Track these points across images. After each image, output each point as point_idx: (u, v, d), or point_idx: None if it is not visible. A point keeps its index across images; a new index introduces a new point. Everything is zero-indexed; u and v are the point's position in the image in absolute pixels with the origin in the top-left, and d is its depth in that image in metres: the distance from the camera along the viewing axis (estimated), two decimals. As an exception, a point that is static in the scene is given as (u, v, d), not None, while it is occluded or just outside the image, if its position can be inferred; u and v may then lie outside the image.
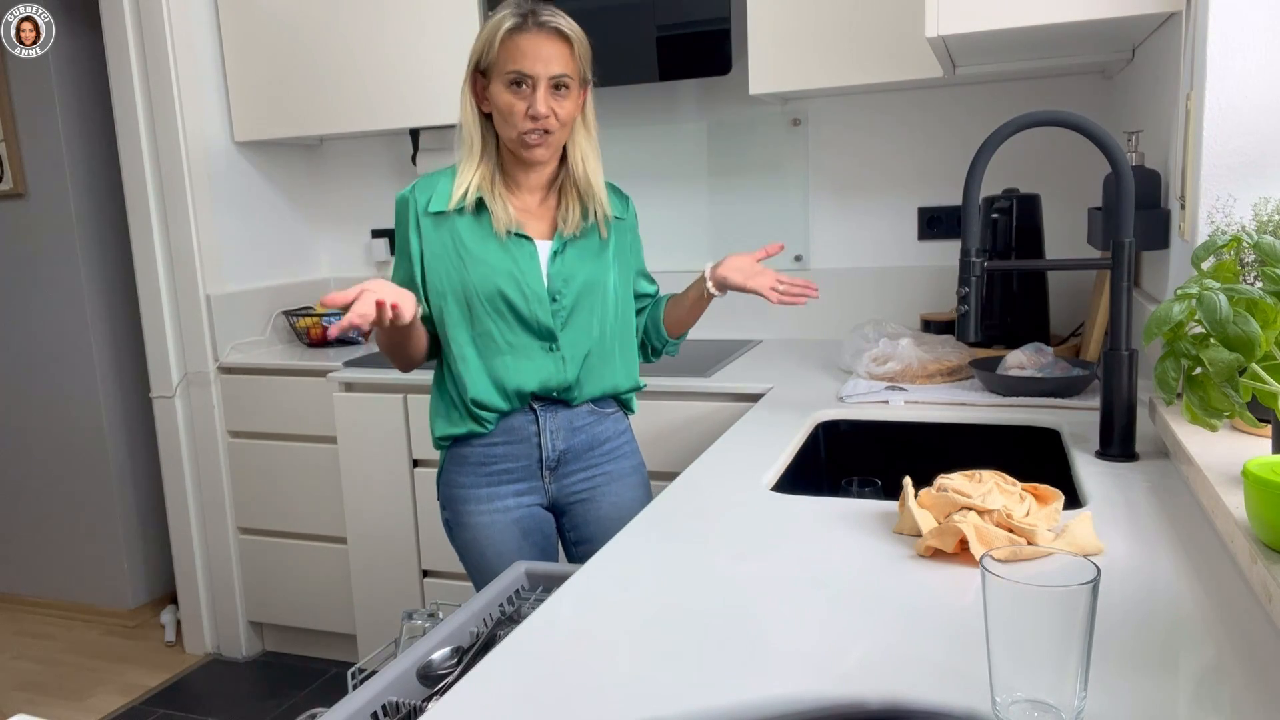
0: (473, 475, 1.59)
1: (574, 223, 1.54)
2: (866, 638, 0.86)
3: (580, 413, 1.60)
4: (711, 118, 2.61)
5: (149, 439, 3.00)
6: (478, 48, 1.49)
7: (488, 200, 1.51)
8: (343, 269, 3.13)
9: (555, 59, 1.44)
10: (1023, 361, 1.76)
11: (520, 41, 1.43)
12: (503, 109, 1.46)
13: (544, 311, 1.52)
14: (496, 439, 1.57)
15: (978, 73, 2.14)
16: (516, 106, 1.44)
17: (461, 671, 0.98)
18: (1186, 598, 0.91)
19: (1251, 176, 1.41)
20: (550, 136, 1.47)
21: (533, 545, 1.62)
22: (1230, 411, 1.08)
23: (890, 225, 2.50)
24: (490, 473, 1.59)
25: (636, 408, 1.71)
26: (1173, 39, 1.61)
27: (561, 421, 1.59)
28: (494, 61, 1.46)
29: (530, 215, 1.56)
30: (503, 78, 1.45)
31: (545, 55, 1.43)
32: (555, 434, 1.59)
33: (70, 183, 3.05)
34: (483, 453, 1.58)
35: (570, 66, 1.46)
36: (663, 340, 1.71)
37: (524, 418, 1.58)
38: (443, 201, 1.52)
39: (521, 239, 1.52)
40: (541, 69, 1.43)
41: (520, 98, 1.44)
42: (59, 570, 3.31)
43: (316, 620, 2.73)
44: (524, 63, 1.43)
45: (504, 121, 1.48)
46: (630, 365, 1.66)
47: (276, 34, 2.65)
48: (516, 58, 1.43)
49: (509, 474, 1.59)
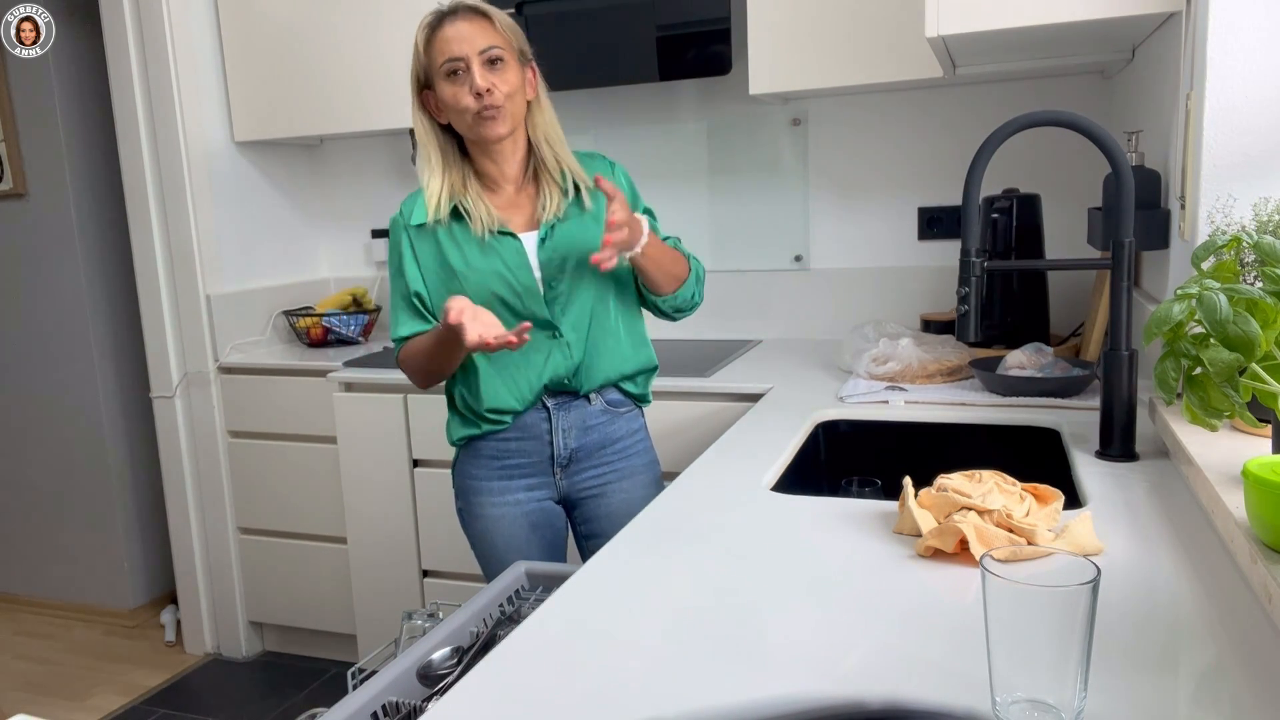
0: (486, 468, 1.61)
1: (555, 206, 1.54)
2: (866, 638, 0.86)
3: (593, 411, 1.60)
4: (711, 118, 2.61)
5: (149, 439, 3.00)
6: (412, 65, 1.52)
7: (467, 204, 1.52)
8: (343, 269, 3.13)
9: (479, 35, 1.47)
10: (1023, 361, 1.76)
11: (442, 33, 1.48)
12: (450, 102, 1.48)
13: (538, 304, 1.53)
14: (510, 435, 1.59)
15: (978, 73, 2.14)
16: (459, 93, 1.47)
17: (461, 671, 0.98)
18: (1186, 598, 0.91)
19: (1251, 176, 1.41)
20: (502, 111, 1.48)
21: (542, 539, 1.63)
22: (1230, 411, 1.08)
23: (890, 225, 2.50)
24: (503, 466, 1.60)
25: (651, 397, 1.70)
26: (1173, 39, 1.61)
27: (574, 420, 1.59)
28: (427, 65, 1.50)
29: (514, 209, 1.57)
30: (440, 74, 1.48)
31: (467, 35, 1.46)
32: (568, 432, 1.59)
33: (70, 183, 3.05)
34: (496, 447, 1.60)
35: (496, 39, 1.48)
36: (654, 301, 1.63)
37: (537, 415, 1.59)
38: (423, 215, 1.54)
39: (505, 236, 1.53)
40: (468, 48, 1.46)
41: (460, 84, 1.47)
42: (59, 570, 3.31)
43: (316, 620, 2.73)
44: (450, 48, 1.46)
45: (457, 115, 1.49)
46: (639, 340, 1.64)
47: (276, 34, 2.65)
48: (443, 48, 1.47)
49: (521, 469, 1.61)
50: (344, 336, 2.80)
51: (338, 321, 2.79)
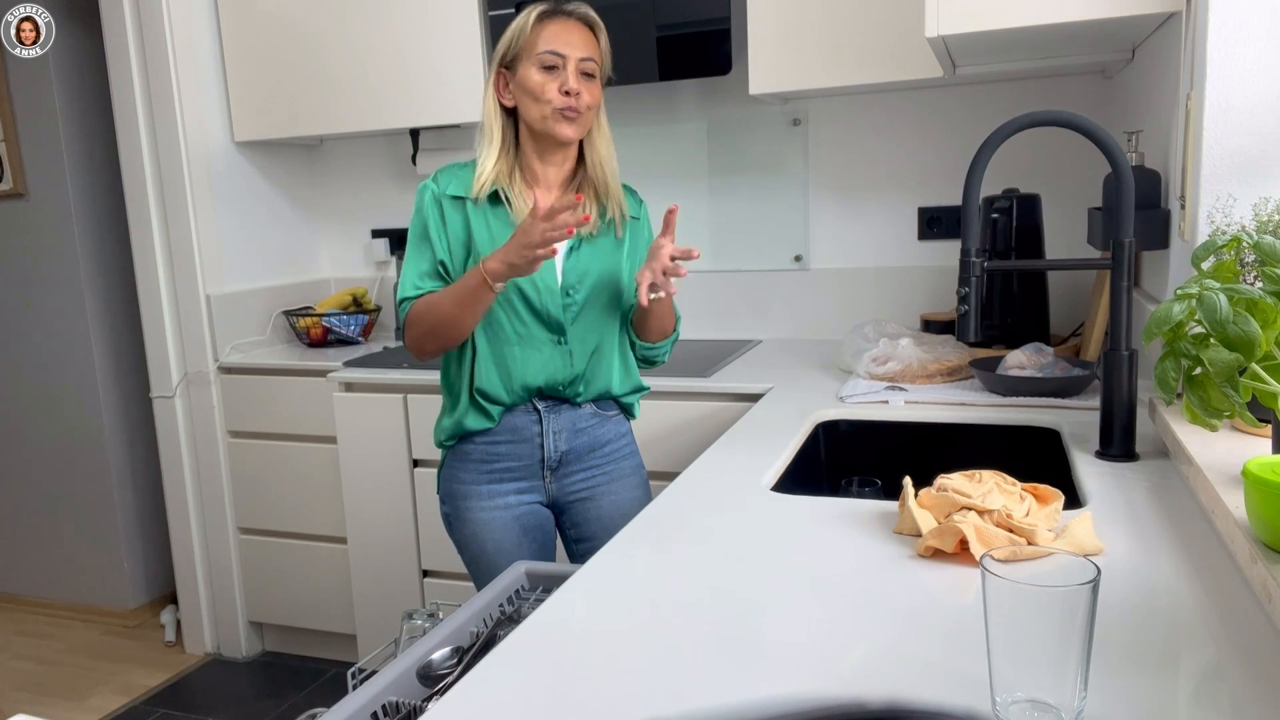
0: (474, 472, 1.60)
1: (592, 223, 1.56)
2: (866, 638, 0.86)
3: (583, 414, 1.61)
4: (711, 118, 2.61)
5: (149, 439, 3.00)
6: (505, 40, 1.54)
7: (506, 193, 1.54)
8: (343, 269, 3.13)
9: (584, 44, 1.51)
10: (1023, 361, 1.76)
11: (552, 26, 1.50)
12: (534, 89, 1.49)
13: (555, 304, 1.54)
14: (500, 438, 1.58)
15: (978, 73, 2.14)
16: (549, 85, 1.49)
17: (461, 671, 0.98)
18: (1186, 598, 0.91)
19: (1251, 176, 1.41)
20: (579, 118, 1.51)
21: (532, 542, 1.63)
22: (1230, 411, 1.08)
23: (890, 225, 2.50)
24: (492, 470, 1.60)
25: (639, 413, 1.71)
26: (1173, 39, 1.61)
27: (564, 423, 1.60)
28: (524, 48, 1.51)
29: None
30: (535, 60, 1.49)
31: (575, 40, 1.50)
32: (558, 435, 1.59)
33: (70, 183, 3.05)
34: (485, 450, 1.59)
35: (596, 54, 1.53)
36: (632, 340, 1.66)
37: (528, 417, 1.58)
38: (462, 188, 1.54)
39: None
40: (572, 51, 1.49)
41: (553, 78, 1.49)
42: (59, 570, 3.31)
43: (316, 620, 2.73)
44: (556, 43, 1.49)
45: (534, 102, 1.50)
46: (631, 368, 1.68)
47: (276, 34, 2.65)
48: (549, 39, 1.49)
49: (511, 472, 1.60)
50: (344, 336, 2.80)
51: (338, 321, 2.79)
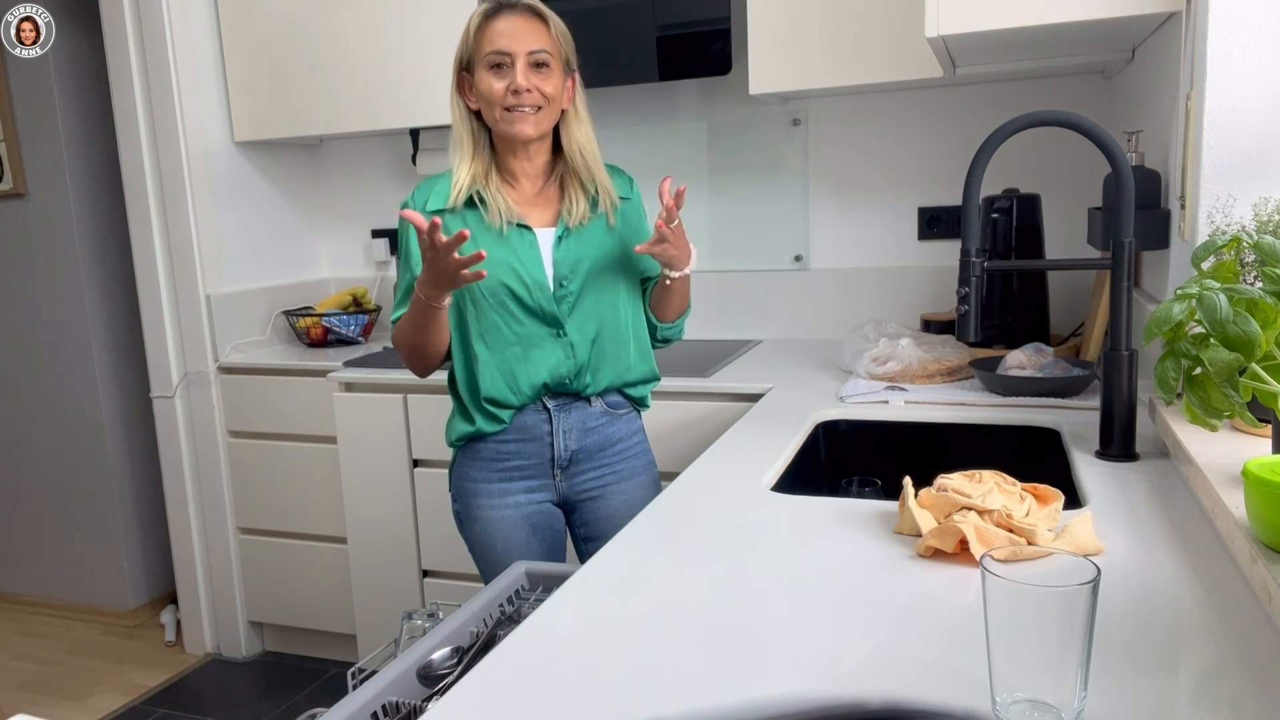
0: (485, 470, 1.60)
1: (580, 214, 1.55)
2: (866, 638, 0.86)
3: (593, 412, 1.61)
4: (711, 118, 2.61)
5: (149, 439, 3.00)
6: (459, 47, 1.53)
7: (485, 194, 1.53)
8: (343, 269, 3.13)
9: (530, 36, 1.48)
10: (1023, 361, 1.76)
11: (496, 24, 1.48)
12: (485, 93, 1.49)
13: (546, 298, 1.53)
14: (510, 437, 1.59)
15: (978, 73, 2.14)
16: (497, 86, 1.47)
17: (461, 671, 0.98)
18: (1186, 598, 0.91)
19: (1251, 176, 1.41)
20: (537, 114, 1.49)
21: (541, 541, 1.63)
22: (1230, 411, 1.08)
23: (890, 225, 2.50)
24: (502, 469, 1.60)
25: (650, 403, 1.70)
26: (1173, 39, 1.61)
27: (575, 421, 1.59)
28: (473, 51, 1.50)
29: (531, 205, 1.57)
30: (483, 63, 1.48)
31: (520, 33, 1.47)
32: (568, 434, 1.59)
33: (70, 183, 3.05)
34: (496, 449, 1.60)
35: (547, 43, 1.49)
36: (653, 324, 1.68)
37: (537, 416, 1.58)
38: (440, 200, 1.54)
39: (522, 229, 1.54)
40: (518, 45, 1.47)
41: (501, 78, 1.48)
42: (59, 570, 3.31)
43: (316, 620, 2.73)
44: (500, 42, 1.47)
45: (488, 105, 1.50)
46: (645, 353, 1.66)
47: (276, 34, 2.65)
48: (493, 39, 1.48)
49: (521, 471, 1.60)
50: (344, 336, 2.80)
51: (338, 321, 2.79)
